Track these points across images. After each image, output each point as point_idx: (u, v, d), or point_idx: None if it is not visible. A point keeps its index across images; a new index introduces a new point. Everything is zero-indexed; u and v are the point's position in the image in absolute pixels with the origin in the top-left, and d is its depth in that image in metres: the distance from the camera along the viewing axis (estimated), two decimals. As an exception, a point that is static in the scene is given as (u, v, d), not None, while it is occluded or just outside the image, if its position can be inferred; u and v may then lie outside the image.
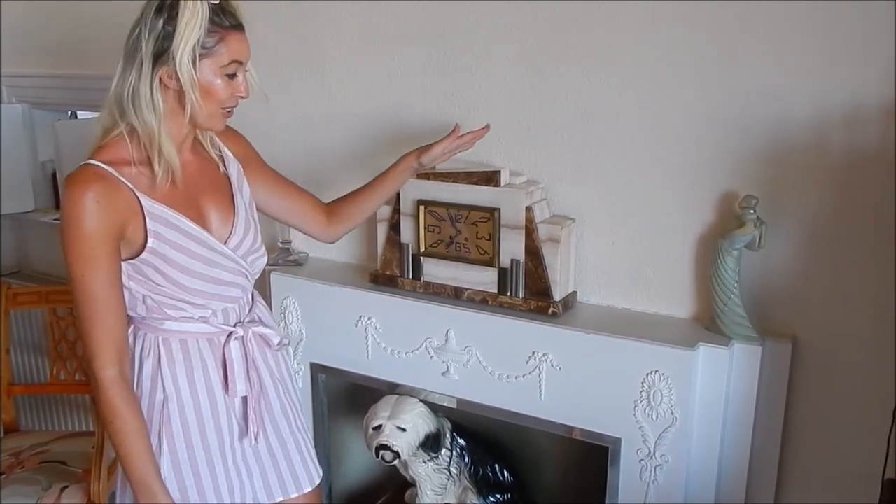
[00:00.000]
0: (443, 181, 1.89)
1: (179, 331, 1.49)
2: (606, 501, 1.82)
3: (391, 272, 2.03)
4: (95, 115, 1.48)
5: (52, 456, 2.30)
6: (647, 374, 1.68)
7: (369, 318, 2.02)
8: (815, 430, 1.72)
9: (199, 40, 1.34)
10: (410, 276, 1.99)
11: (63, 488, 2.14)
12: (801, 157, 1.61)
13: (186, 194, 1.46)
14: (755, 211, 1.62)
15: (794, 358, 1.69)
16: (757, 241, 1.63)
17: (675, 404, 1.67)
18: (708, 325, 1.73)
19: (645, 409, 1.70)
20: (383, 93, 2.07)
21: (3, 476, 2.18)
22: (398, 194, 1.95)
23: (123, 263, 1.40)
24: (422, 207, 1.92)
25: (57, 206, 2.87)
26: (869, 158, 1.55)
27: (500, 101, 1.91)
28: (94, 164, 1.36)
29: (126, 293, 1.44)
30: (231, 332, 1.53)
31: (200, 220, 1.47)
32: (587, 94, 1.79)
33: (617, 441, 1.76)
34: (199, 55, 1.35)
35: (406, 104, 2.04)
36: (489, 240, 1.85)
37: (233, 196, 1.56)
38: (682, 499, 1.72)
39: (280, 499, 1.65)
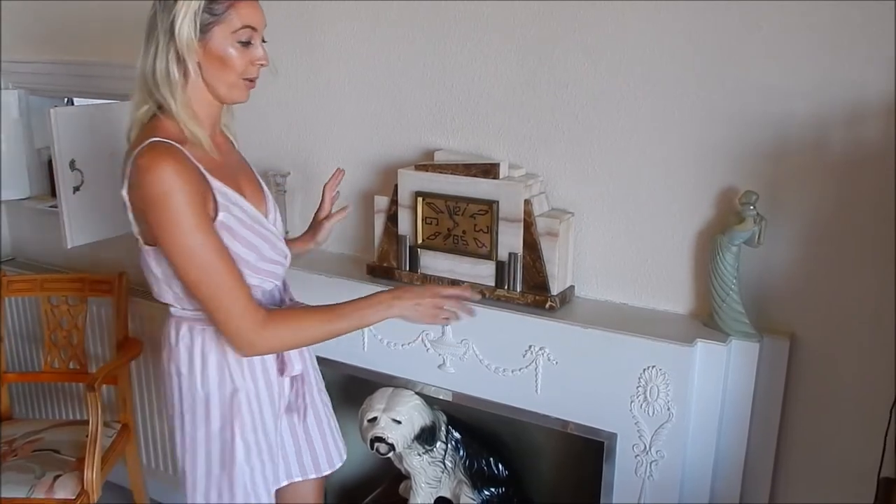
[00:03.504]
0: (441, 173, 1.88)
1: None
2: (601, 496, 1.81)
3: (388, 264, 2.02)
4: (92, 101, 1.48)
5: (46, 444, 2.30)
6: (644, 370, 1.68)
7: (366, 310, 2.01)
8: (812, 428, 1.72)
9: (199, 9, 1.35)
10: (408, 268, 1.98)
11: (56, 477, 2.14)
12: (801, 154, 1.61)
13: (231, 173, 1.48)
14: (755, 207, 1.61)
15: (791, 355, 1.68)
16: (756, 237, 1.62)
17: (671, 400, 1.67)
18: (706, 321, 1.73)
19: (641, 405, 1.70)
20: (383, 87, 2.06)
21: (-4, 464, 2.18)
22: (395, 186, 1.94)
23: None
24: (420, 199, 1.91)
25: (52, 193, 2.85)
26: (869, 156, 1.55)
27: (500, 95, 1.89)
28: (162, 141, 1.35)
29: (179, 285, 1.44)
30: None
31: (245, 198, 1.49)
32: (588, 88, 1.78)
33: (613, 436, 1.76)
34: (209, 23, 1.36)
35: (406, 99, 2.03)
36: (487, 233, 1.84)
37: (258, 179, 1.59)
38: (678, 495, 1.72)
39: (312, 476, 1.69)
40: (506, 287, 1.86)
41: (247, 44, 1.40)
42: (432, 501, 2.24)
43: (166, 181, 1.31)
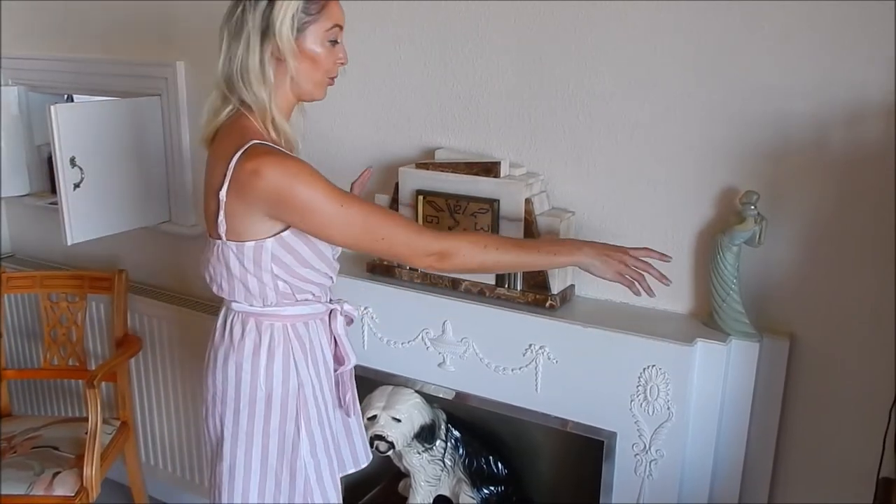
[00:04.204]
0: (442, 171, 1.88)
1: (302, 314, 1.53)
2: (601, 495, 1.81)
3: (388, 262, 2.01)
4: (92, 98, 1.48)
5: (45, 441, 2.29)
6: (644, 369, 1.68)
7: (366, 309, 2.01)
8: (812, 428, 1.72)
9: (297, 9, 1.38)
10: (408, 267, 1.98)
11: (55, 474, 2.14)
12: (802, 154, 1.61)
13: None
14: (756, 207, 1.61)
15: (791, 355, 1.68)
16: (757, 237, 1.62)
17: (671, 399, 1.67)
18: (706, 320, 1.73)
19: (641, 404, 1.70)
20: (384, 86, 2.06)
21: (-5, 461, 2.18)
22: (396, 185, 1.94)
23: (273, 240, 1.42)
24: (420, 197, 1.91)
25: (52, 190, 2.85)
26: (870, 156, 1.55)
27: (501, 93, 1.89)
28: (262, 143, 1.39)
29: (254, 282, 1.45)
30: (333, 309, 1.59)
31: None
32: (588, 86, 1.78)
33: (612, 435, 1.76)
34: (305, 23, 1.39)
35: (407, 97, 2.03)
36: (488, 231, 1.84)
37: None
38: (677, 494, 1.72)
39: (351, 470, 1.71)
40: (506, 286, 1.86)
41: (333, 42, 1.44)
42: (431, 500, 2.24)
43: (287, 172, 1.35)
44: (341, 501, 1.63)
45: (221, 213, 1.40)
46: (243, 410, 1.52)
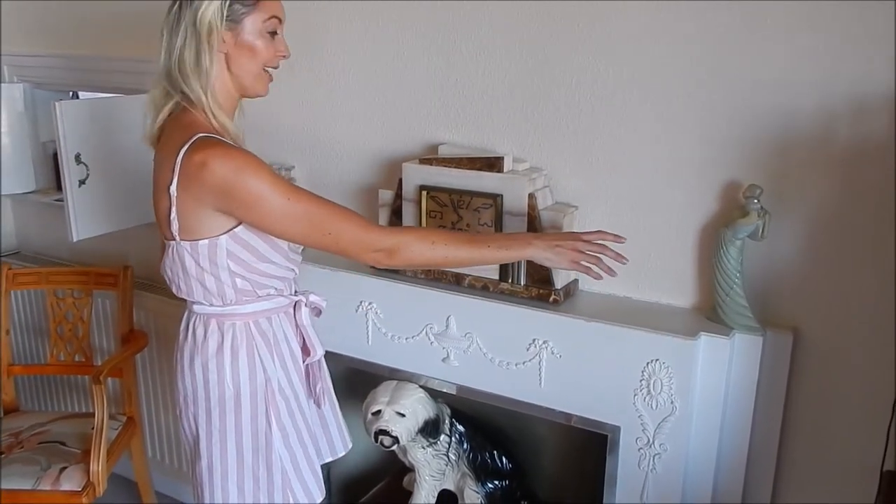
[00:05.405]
0: (445, 167, 1.88)
1: (264, 310, 1.53)
2: (604, 490, 1.82)
3: (392, 258, 2.02)
4: (97, 95, 1.49)
5: (52, 436, 2.31)
6: (648, 363, 1.68)
7: (370, 304, 2.02)
8: (815, 422, 1.72)
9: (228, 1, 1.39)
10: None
11: (62, 469, 2.15)
12: (805, 148, 1.60)
13: None
14: (759, 201, 1.61)
15: (795, 349, 1.69)
16: (760, 231, 1.62)
17: (675, 393, 1.67)
18: (709, 314, 1.73)
19: (645, 398, 1.70)
20: (388, 82, 2.06)
21: (2, 456, 2.19)
22: (400, 180, 1.95)
23: (226, 236, 1.41)
24: (424, 193, 1.91)
25: (58, 186, 2.86)
26: (874, 150, 1.55)
27: (505, 89, 1.89)
28: (208, 136, 1.39)
29: (212, 280, 1.45)
30: (297, 301, 1.58)
31: None
32: (591, 82, 1.78)
33: (616, 429, 1.76)
34: (242, 14, 1.40)
35: (410, 93, 2.03)
36: (491, 226, 1.84)
37: None
38: (681, 488, 1.73)
39: (329, 459, 1.72)
40: (510, 280, 1.86)
41: (272, 34, 1.45)
42: (436, 494, 2.24)
43: (234, 164, 1.35)
44: (323, 491, 1.63)
45: (173, 210, 1.40)
46: (214, 410, 1.52)
